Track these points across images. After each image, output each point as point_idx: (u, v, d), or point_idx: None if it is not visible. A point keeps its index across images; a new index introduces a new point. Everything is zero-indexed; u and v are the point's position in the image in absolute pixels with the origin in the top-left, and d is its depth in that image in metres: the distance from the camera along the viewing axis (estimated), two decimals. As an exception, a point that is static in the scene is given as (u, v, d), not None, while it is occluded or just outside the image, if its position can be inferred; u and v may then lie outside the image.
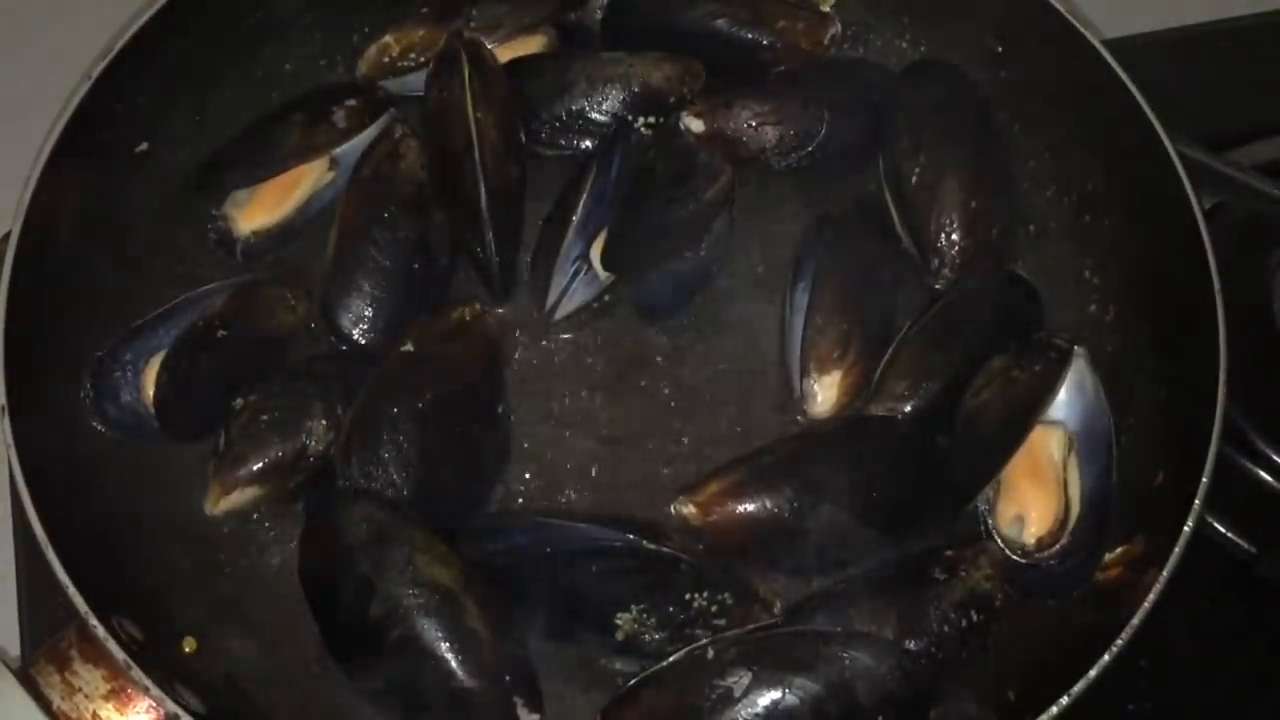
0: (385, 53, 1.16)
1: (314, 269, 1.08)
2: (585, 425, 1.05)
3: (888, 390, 1.03)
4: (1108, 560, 0.98)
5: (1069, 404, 1.02)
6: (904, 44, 1.22)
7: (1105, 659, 0.87)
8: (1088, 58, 1.08)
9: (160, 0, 1.06)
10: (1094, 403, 1.02)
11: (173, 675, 0.88)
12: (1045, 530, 1.00)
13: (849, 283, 1.06)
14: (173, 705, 0.85)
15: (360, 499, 0.95)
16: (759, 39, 1.16)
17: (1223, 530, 1.08)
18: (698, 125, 1.12)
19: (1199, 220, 1.01)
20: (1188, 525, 0.92)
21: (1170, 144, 1.03)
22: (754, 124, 1.12)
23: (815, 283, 1.06)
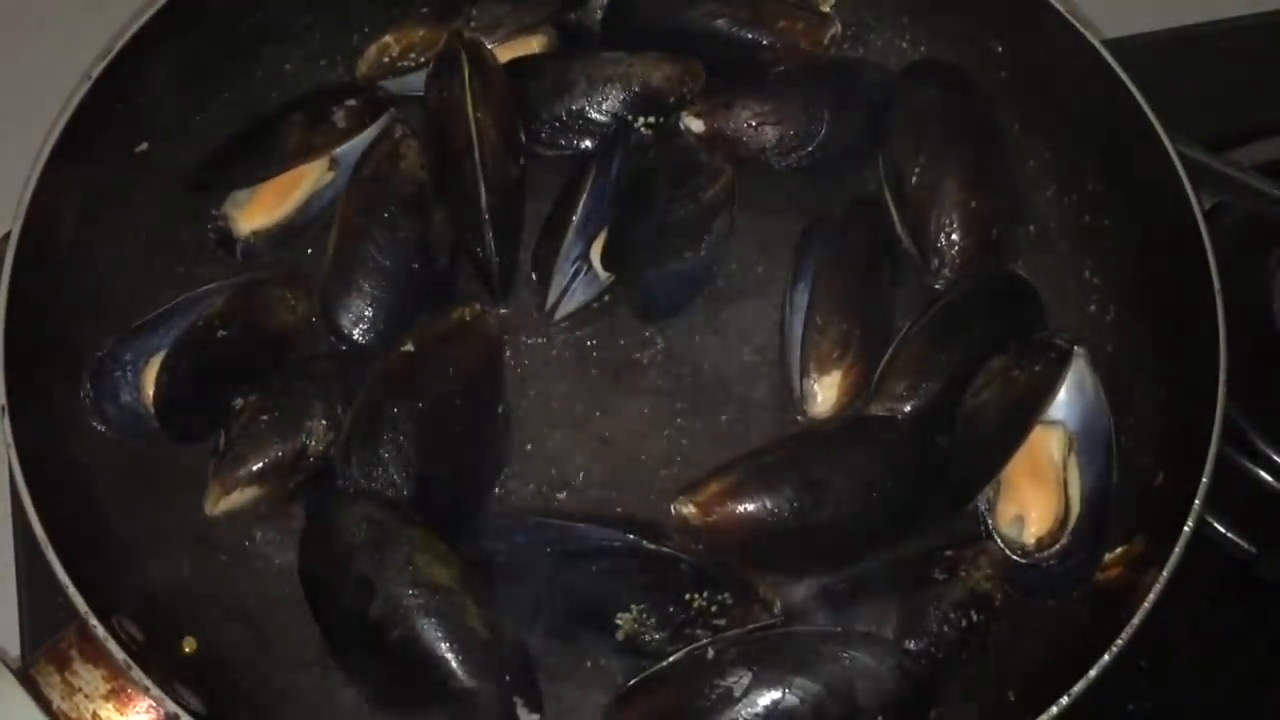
0: (385, 53, 1.16)
1: (314, 269, 1.08)
2: (585, 425, 1.05)
3: (888, 390, 1.03)
4: (1108, 560, 0.98)
5: (1069, 404, 1.02)
6: (904, 44, 1.22)
7: (1105, 659, 0.87)
8: (1088, 58, 1.08)
9: (160, 0, 1.06)
10: (1094, 403, 1.02)
11: (173, 675, 0.88)
12: (1045, 530, 1.00)
13: (849, 283, 1.06)
14: (173, 705, 0.85)
15: (360, 499, 0.95)
16: (759, 39, 1.16)
17: (1223, 530, 1.08)
18: (698, 125, 1.12)
19: (1199, 220, 1.01)
20: (1188, 525, 0.92)
21: (1170, 144, 1.03)
22: (754, 124, 1.12)
23: (815, 283, 1.06)
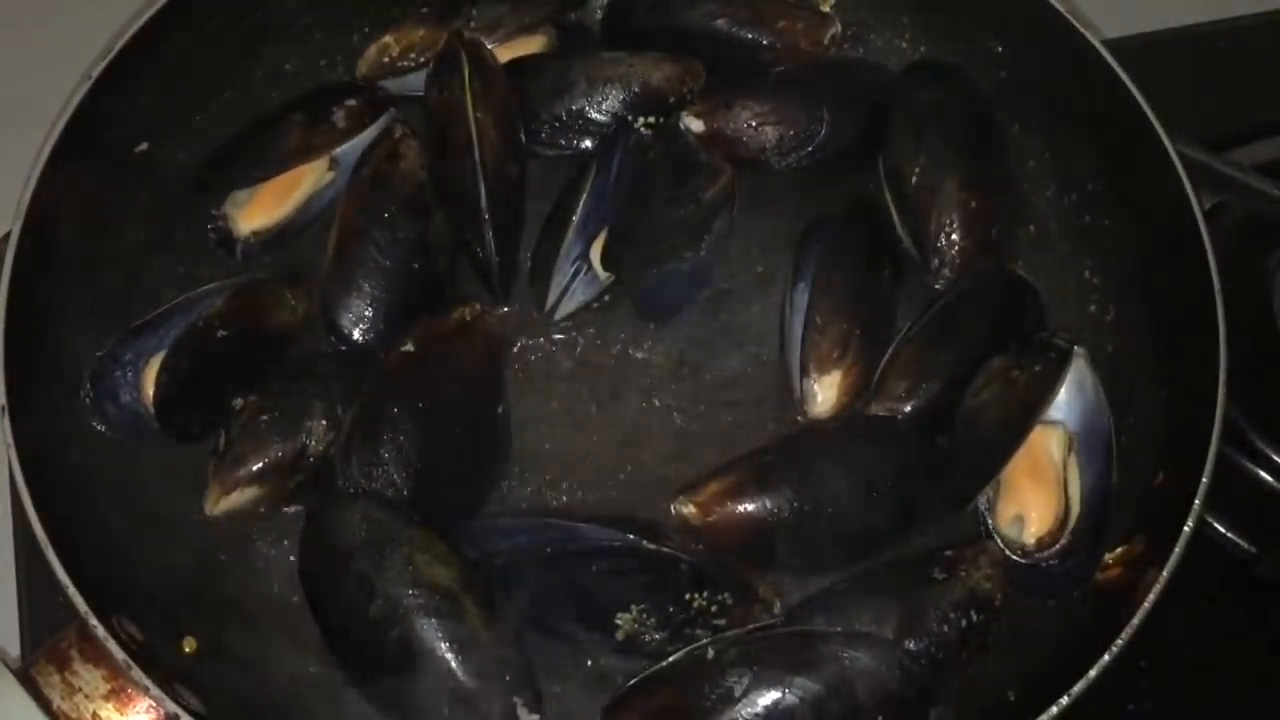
0: (385, 53, 1.16)
1: (314, 269, 1.08)
2: (585, 425, 1.05)
3: (888, 390, 1.03)
4: (1108, 560, 0.98)
5: (1069, 404, 1.02)
6: (904, 44, 1.22)
7: (1105, 659, 0.87)
8: (1088, 58, 1.08)
9: (160, 0, 1.06)
10: (1094, 403, 1.02)
11: (173, 675, 0.88)
12: (1045, 530, 1.00)
13: (849, 283, 1.06)
14: (173, 705, 0.85)
15: (360, 499, 0.95)
16: (759, 39, 1.16)
17: (1223, 530, 1.08)
18: (698, 125, 1.12)
19: (1199, 220, 1.01)
20: (1188, 525, 0.91)
21: (1170, 144, 1.03)
22: (754, 124, 1.12)
23: (815, 283, 1.06)
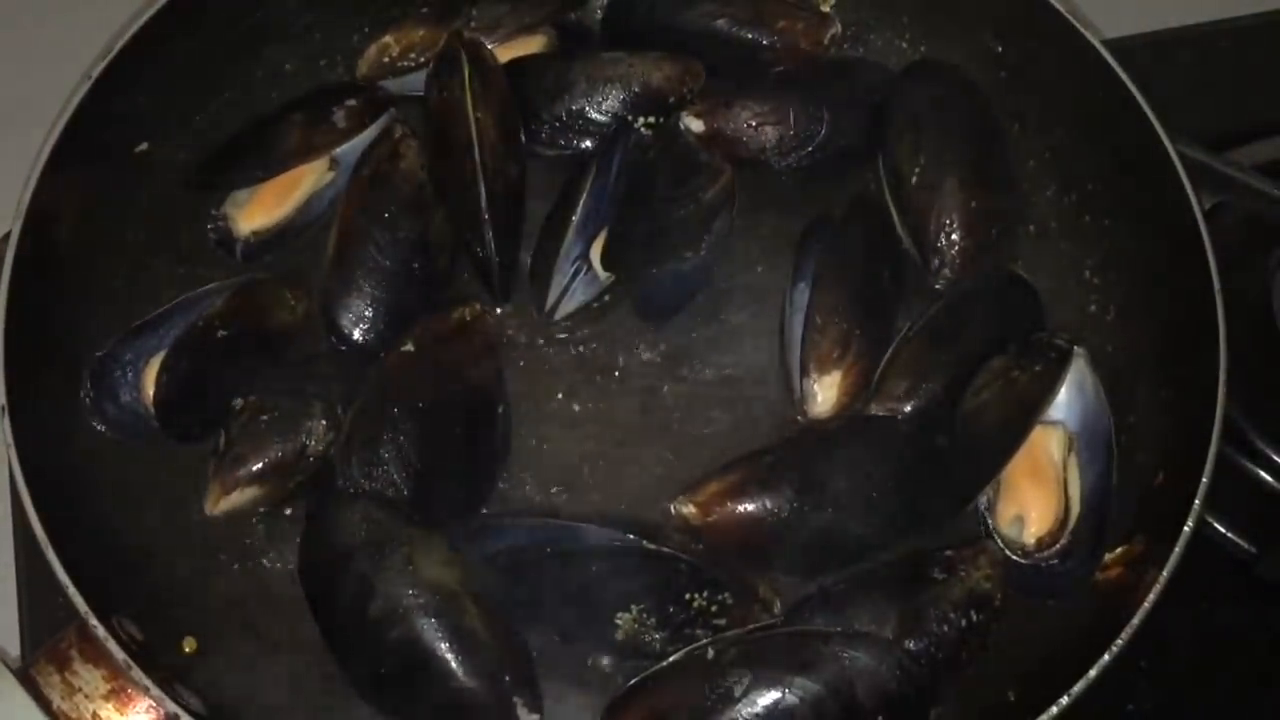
0: (385, 53, 1.16)
1: (314, 269, 1.08)
2: (585, 425, 1.05)
3: (888, 390, 1.03)
4: (1108, 560, 0.98)
5: (1069, 404, 1.02)
6: (904, 44, 1.22)
7: (1105, 659, 0.87)
8: (1088, 58, 1.08)
9: (160, 0, 1.06)
10: (1094, 403, 1.02)
11: (173, 675, 0.88)
12: (1045, 530, 1.00)
13: (849, 283, 1.06)
14: (173, 705, 0.86)
15: (360, 499, 0.95)
16: (759, 39, 1.16)
17: (1223, 530, 1.08)
18: (698, 125, 1.12)
19: (1199, 220, 1.01)
20: (1188, 525, 0.92)
21: (1170, 144, 1.03)
22: (754, 124, 1.12)
23: (815, 283, 1.06)
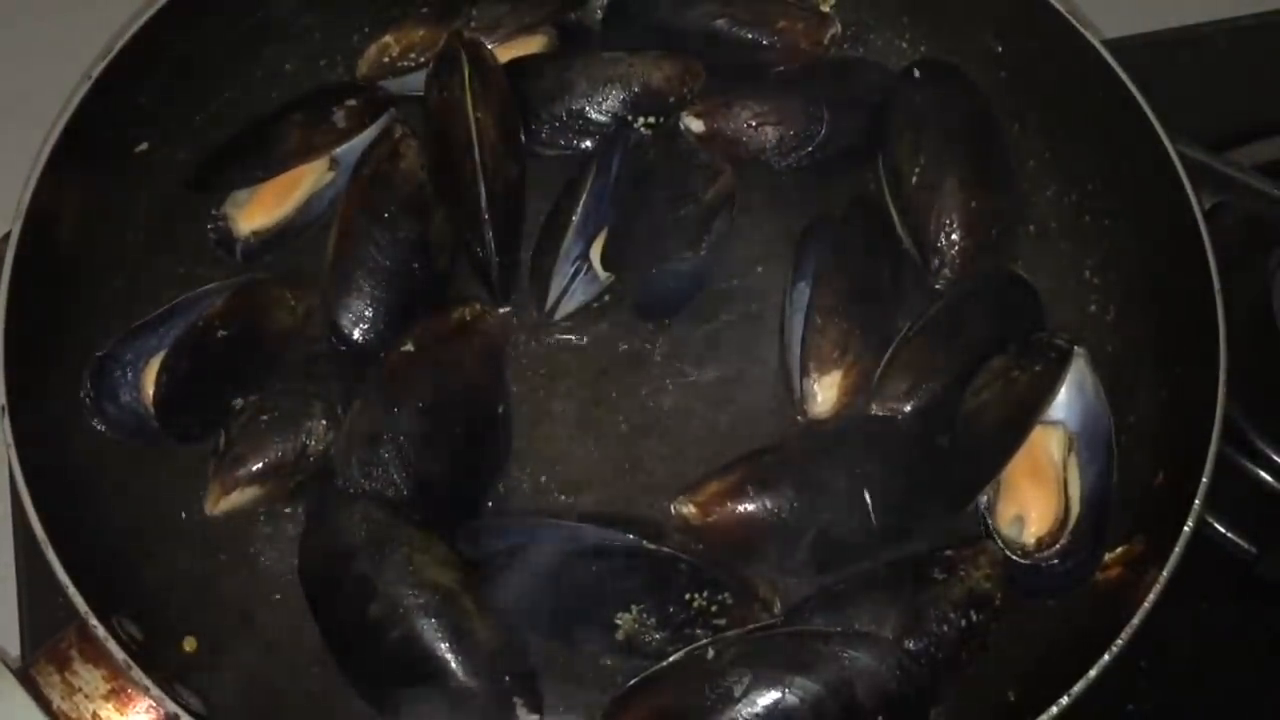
0: (385, 53, 1.16)
1: (314, 269, 1.08)
2: (585, 425, 1.05)
3: (888, 390, 1.03)
4: (1108, 560, 0.98)
5: (1069, 404, 1.02)
6: (904, 44, 1.22)
7: (1105, 659, 0.87)
8: (1088, 58, 1.08)
9: (160, 0, 1.06)
10: (1094, 403, 1.02)
11: (173, 675, 0.88)
12: (1045, 530, 1.00)
13: (849, 283, 1.06)
14: (173, 705, 0.86)
15: (360, 499, 0.96)
16: (759, 39, 1.16)
17: (1223, 530, 1.08)
18: (698, 125, 1.12)
19: (1199, 220, 1.01)
20: (1188, 525, 0.91)
21: (1170, 144, 1.03)
22: (754, 124, 1.12)
23: (815, 282, 1.06)
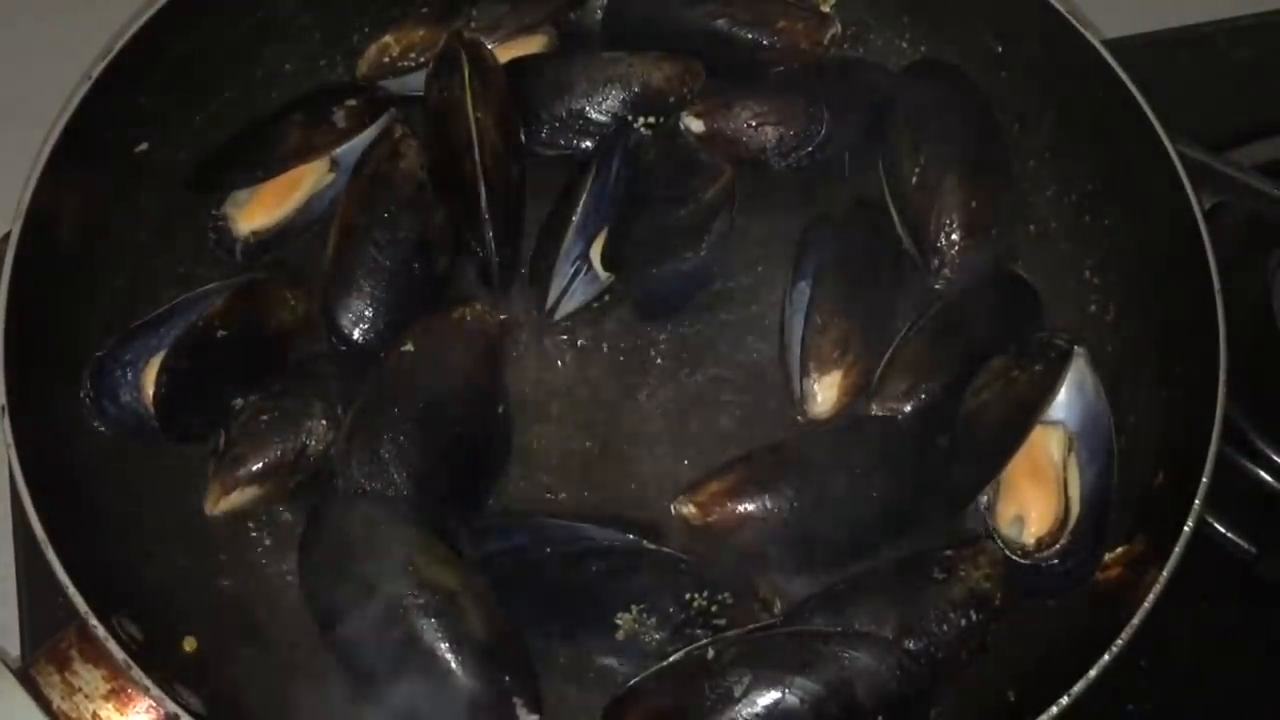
0: (385, 53, 1.16)
1: (314, 269, 1.08)
2: (585, 425, 1.05)
3: (888, 390, 1.03)
4: (1108, 560, 0.98)
5: (1069, 404, 1.02)
6: (904, 44, 1.22)
7: (1105, 659, 0.87)
8: (1088, 58, 1.08)
9: (160, 0, 1.06)
10: (1094, 403, 1.02)
11: (173, 675, 0.88)
12: (1045, 530, 1.00)
13: (849, 283, 1.06)
14: (173, 705, 0.85)
15: (360, 499, 0.96)
16: (759, 39, 1.16)
17: (1223, 530, 1.08)
18: (698, 125, 1.12)
19: (1199, 220, 1.01)
20: (1188, 525, 0.91)
21: (1170, 144, 1.03)
22: (754, 124, 1.12)
23: (815, 283, 1.06)
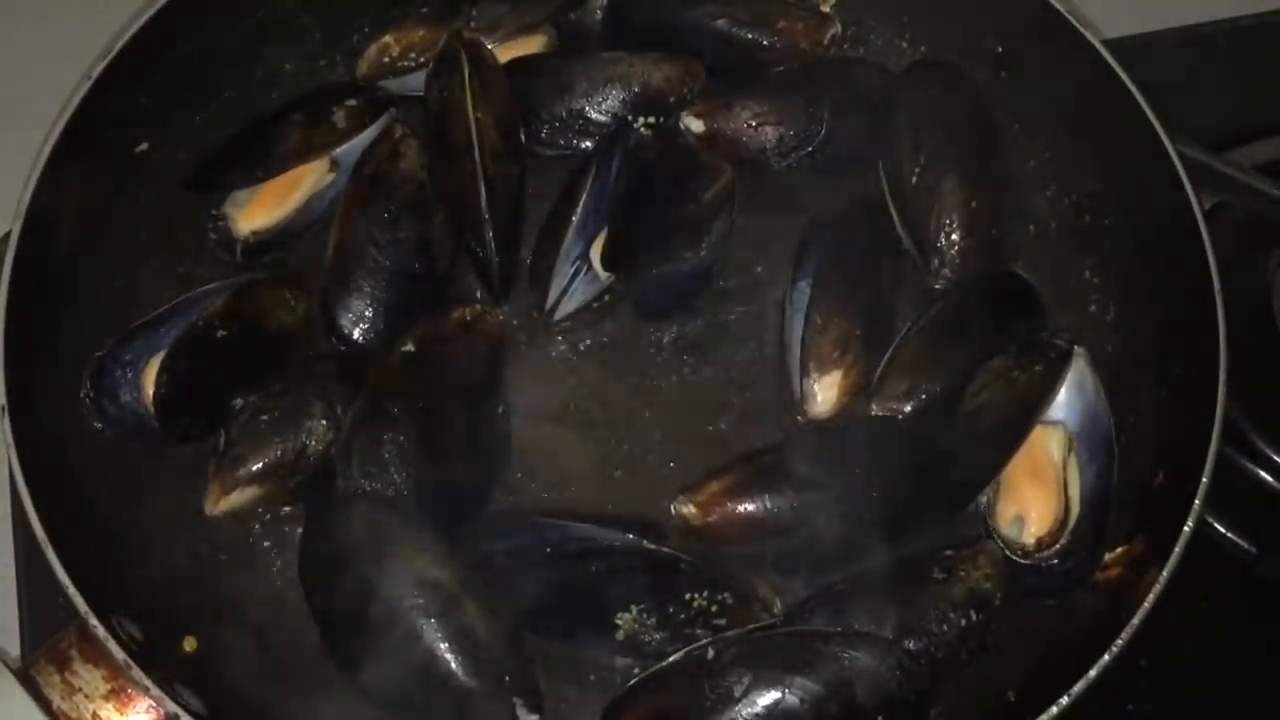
0: (385, 53, 1.16)
1: (314, 269, 1.08)
2: (585, 425, 1.05)
3: (888, 390, 1.03)
4: (1108, 560, 0.98)
5: (1069, 404, 1.02)
6: (904, 44, 1.22)
7: (1105, 659, 0.87)
8: (1088, 58, 1.08)
9: (160, 0, 1.06)
10: (1094, 403, 1.02)
11: (173, 675, 0.88)
12: (1045, 530, 1.00)
13: (849, 283, 1.06)
14: (173, 705, 0.85)
15: (360, 499, 0.95)
16: (759, 39, 1.16)
17: (1223, 530, 1.08)
18: (698, 125, 1.12)
19: (1199, 220, 1.01)
20: (1188, 525, 0.92)
21: (1170, 144, 1.03)
22: (754, 124, 1.12)
23: (815, 283, 1.06)
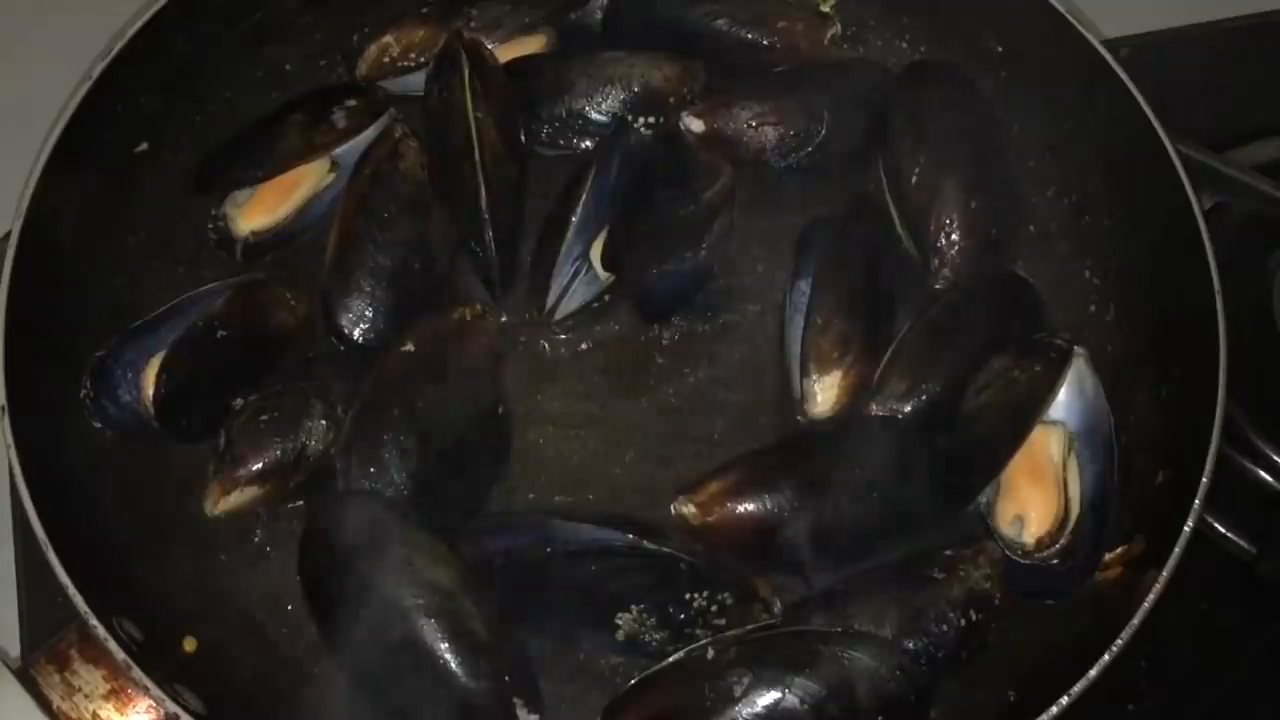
0: (385, 53, 1.16)
1: (314, 269, 1.08)
2: (585, 425, 1.05)
3: (888, 390, 1.03)
4: (1108, 560, 0.98)
5: (1069, 404, 1.02)
6: (904, 44, 1.22)
7: (1105, 659, 0.87)
8: (1088, 58, 1.08)
9: (160, 0, 1.06)
10: (1094, 403, 1.02)
11: (173, 675, 0.88)
12: (1045, 530, 1.00)
13: (849, 283, 1.06)
14: (173, 705, 0.86)
15: (360, 499, 0.96)
16: (759, 39, 1.16)
17: (1223, 530, 1.08)
18: (698, 125, 1.12)
19: (1199, 220, 1.01)
20: (1188, 525, 0.92)
21: (1170, 144, 1.03)
22: (754, 124, 1.12)
23: (815, 282, 1.06)
